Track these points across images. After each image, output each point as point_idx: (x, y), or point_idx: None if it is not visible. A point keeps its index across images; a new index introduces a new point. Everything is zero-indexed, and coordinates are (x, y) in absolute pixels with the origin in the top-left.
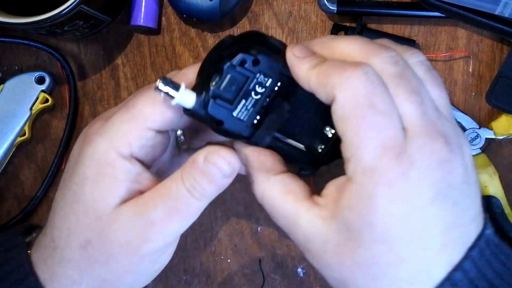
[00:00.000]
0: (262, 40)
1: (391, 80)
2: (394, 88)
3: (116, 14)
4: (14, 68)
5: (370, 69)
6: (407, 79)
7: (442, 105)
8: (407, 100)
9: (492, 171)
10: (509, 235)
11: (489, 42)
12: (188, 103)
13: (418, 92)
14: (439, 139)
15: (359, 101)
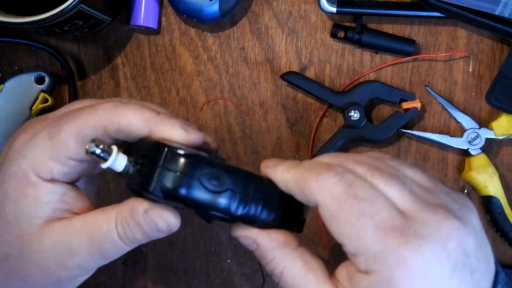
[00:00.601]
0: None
1: (366, 173)
2: (371, 179)
3: (116, 14)
4: (14, 68)
5: (342, 169)
6: (381, 168)
7: (423, 182)
8: (389, 185)
9: (492, 171)
10: (509, 235)
11: (489, 42)
12: (120, 167)
13: (396, 176)
14: (439, 210)
15: (340, 198)
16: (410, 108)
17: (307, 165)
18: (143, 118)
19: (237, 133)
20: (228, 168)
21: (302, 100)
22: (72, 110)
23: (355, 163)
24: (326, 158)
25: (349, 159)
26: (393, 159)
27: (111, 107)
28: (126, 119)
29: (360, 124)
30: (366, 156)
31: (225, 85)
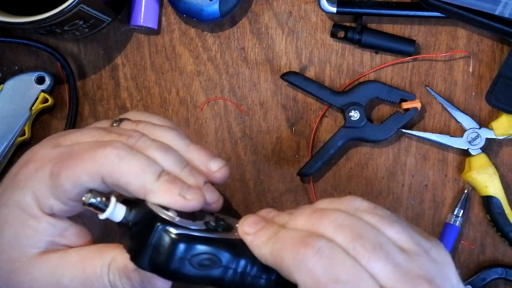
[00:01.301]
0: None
1: (348, 246)
2: (354, 253)
3: (116, 14)
4: (14, 68)
5: (321, 243)
6: (361, 236)
7: (403, 241)
8: (372, 260)
9: (492, 171)
10: (509, 235)
11: (489, 42)
12: (118, 218)
13: (379, 245)
14: (421, 284)
15: (321, 281)
16: (410, 108)
17: (284, 239)
18: (141, 183)
19: (237, 133)
20: (223, 243)
21: (302, 100)
22: (77, 150)
23: (335, 228)
24: (303, 219)
25: (327, 219)
26: (374, 212)
27: (115, 157)
28: (124, 178)
29: (360, 124)
30: (345, 205)
31: (225, 85)
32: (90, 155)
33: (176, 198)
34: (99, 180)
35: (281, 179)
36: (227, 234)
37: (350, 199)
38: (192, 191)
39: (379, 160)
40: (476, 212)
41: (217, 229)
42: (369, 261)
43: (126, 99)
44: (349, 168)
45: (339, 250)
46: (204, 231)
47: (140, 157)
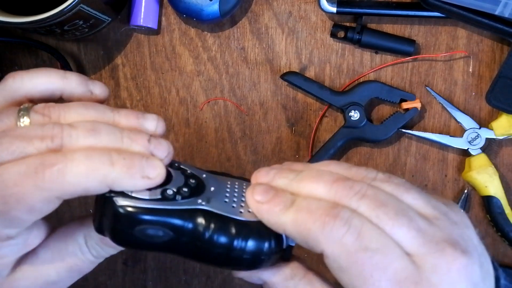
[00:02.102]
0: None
1: (371, 214)
2: (378, 221)
3: (116, 14)
4: (14, 68)
5: (348, 214)
6: (384, 204)
7: (422, 207)
8: (396, 226)
9: (492, 171)
10: (509, 235)
11: (489, 42)
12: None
13: (401, 211)
14: (446, 249)
15: (350, 250)
16: (410, 108)
17: (309, 208)
18: (99, 182)
19: (237, 133)
20: (170, 213)
21: (302, 100)
22: (12, 182)
23: (358, 199)
24: (322, 187)
25: (350, 191)
26: (390, 181)
27: (58, 173)
28: (81, 186)
29: (360, 124)
30: (364, 176)
31: (225, 85)
32: (33, 184)
33: (140, 182)
34: (56, 200)
35: None
36: (185, 201)
37: (366, 169)
38: (152, 165)
39: (379, 160)
40: (476, 212)
41: (174, 197)
42: (393, 228)
43: (126, 99)
44: None
45: (364, 220)
46: (154, 201)
47: (79, 156)
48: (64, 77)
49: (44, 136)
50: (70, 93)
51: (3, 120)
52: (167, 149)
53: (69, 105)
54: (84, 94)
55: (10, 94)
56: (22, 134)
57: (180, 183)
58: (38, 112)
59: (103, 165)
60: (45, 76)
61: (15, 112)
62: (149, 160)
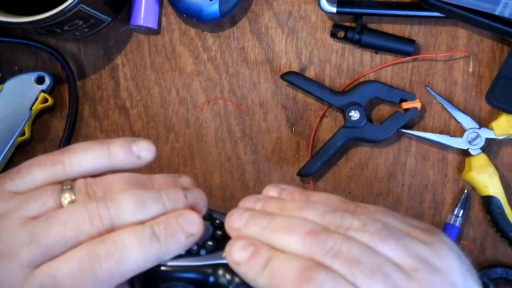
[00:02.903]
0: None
1: (346, 273)
2: (353, 280)
3: (116, 14)
4: (14, 68)
5: (322, 277)
6: (359, 262)
7: (399, 257)
8: (372, 285)
9: (492, 171)
10: (509, 235)
11: (489, 42)
12: None
13: (377, 268)
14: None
15: None
16: (410, 108)
17: (282, 270)
18: (154, 258)
19: (237, 133)
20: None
21: (302, 100)
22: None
23: (332, 256)
24: (295, 241)
25: (324, 248)
26: (365, 230)
27: (115, 263)
28: (135, 271)
29: (360, 124)
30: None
31: (225, 85)
32: (92, 280)
33: (186, 243)
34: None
35: (281, 179)
36: (209, 256)
37: (341, 215)
38: (190, 222)
39: (379, 160)
40: (476, 212)
41: (198, 252)
42: (369, 287)
43: (126, 99)
44: (349, 168)
45: (339, 280)
46: (178, 259)
47: (130, 242)
48: (110, 154)
49: (92, 218)
50: (119, 167)
51: (48, 202)
52: (204, 199)
53: (108, 179)
54: (132, 165)
55: (55, 177)
56: (67, 219)
57: (207, 235)
58: (82, 192)
59: (152, 242)
60: (92, 157)
61: (57, 192)
62: (185, 216)
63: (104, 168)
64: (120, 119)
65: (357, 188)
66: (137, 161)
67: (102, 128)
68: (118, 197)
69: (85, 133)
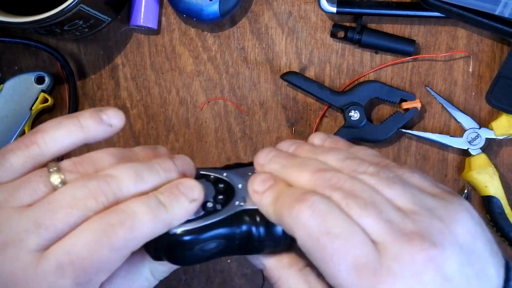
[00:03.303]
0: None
1: (340, 202)
2: (347, 209)
3: (116, 14)
4: (14, 68)
5: (315, 199)
6: (356, 195)
7: (402, 201)
8: (363, 215)
9: (492, 171)
10: (509, 235)
11: (489, 42)
12: None
13: (372, 202)
14: (414, 239)
15: (313, 234)
16: (410, 108)
17: (285, 196)
18: (163, 223)
19: (237, 133)
20: (222, 224)
21: (302, 100)
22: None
23: (333, 189)
24: (306, 176)
25: (328, 183)
26: (376, 174)
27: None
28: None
29: (360, 124)
30: (341, 177)
31: (225, 85)
32: (108, 248)
33: (191, 207)
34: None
35: None
36: (226, 208)
37: (359, 162)
38: (190, 187)
39: None
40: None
41: (215, 208)
42: (361, 217)
43: (126, 99)
44: None
45: (332, 205)
46: (201, 219)
47: (139, 208)
48: (82, 126)
49: (95, 195)
50: (93, 138)
51: (39, 188)
52: (190, 163)
53: (94, 156)
54: (105, 134)
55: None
56: (71, 200)
57: (212, 192)
58: (71, 172)
59: (160, 209)
60: (65, 132)
61: (45, 176)
62: (185, 184)
63: (80, 141)
64: None
65: None
66: (110, 129)
67: None
68: (115, 172)
69: None
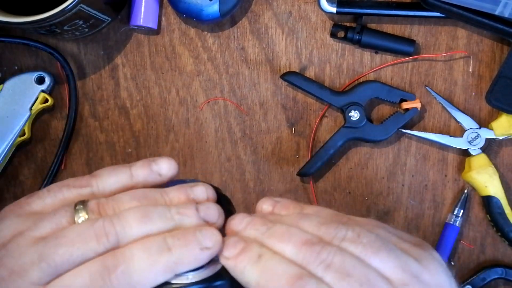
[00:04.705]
0: None
1: (335, 285)
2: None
3: (116, 14)
4: (14, 68)
5: (312, 284)
6: (349, 275)
7: (390, 270)
8: None
9: (492, 171)
10: (509, 235)
11: (489, 42)
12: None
13: (367, 282)
14: None
15: None
16: (410, 108)
17: (273, 269)
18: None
19: (237, 133)
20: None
21: (302, 100)
22: None
23: (324, 268)
24: (291, 247)
25: (318, 260)
26: (358, 241)
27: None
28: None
29: (360, 124)
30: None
31: (225, 85)
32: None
33: (201, 255)
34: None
35: (281, 179)
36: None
37: (335, 227)
38: (206, 235)
39: (379, 160)
40: (476, 212)
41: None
42: None
43: (126, 99)
44: (349, 168)
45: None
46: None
47: (137, 252)
48: (132, 176)
49: (98, 235)
50: (142, 184)
51: (61, 222)
52: (217, 212)
53: (121, 199)
54: (155, 182)
55: (83, 196)
56: (75, 237)
57: None
58: (93, 212)
59: (161, 253)
60: (116, 179)
61: (71, 212)
62: (203, 230)
63: (128, 186)
64: (120, 119)
65: (357, 188)
66: (159, 178)
67: (102, 128)
68: (124, 213)
69: (85, 133)
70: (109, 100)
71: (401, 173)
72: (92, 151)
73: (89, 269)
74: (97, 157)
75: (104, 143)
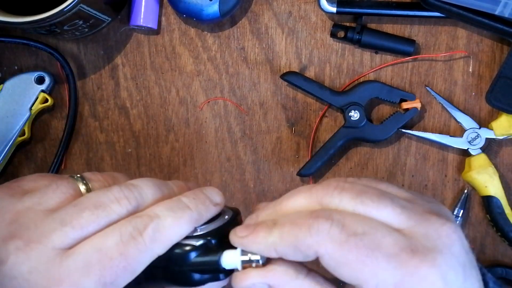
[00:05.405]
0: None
1: (356, 202)
2: (360, 206)
3: (116, 14)
4: (14, 68)
5: (328, 212)
6: (364, 191)
7: (398, 192)
8: (381, 208)
9: (492, 171)
10: (509, 235)
11: (489, 42)
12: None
13: (382, 194)
14: (431, 218)
15: (341, 241)
16: (410, 108)
17: (289, 220)
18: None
19: (237, 133)
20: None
21: (302, 100)
22: (121, 256)
23: (339, 192)
24: (301, 198)
25: (329, 189)
26: (360, 180)
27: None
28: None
29: (360, 124)
30: (338, 181)
31: (225, 85)
32: (136, 249)
33: (214, 209)
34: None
35: (281, 179)
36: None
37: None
38: (214, 192)
39: (379, 160)
40: (476, 212)
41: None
42: (379, 210)
43: (126, 99)
44: (349, 168)
45: (345, 212)
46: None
47: (161, 212)
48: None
49: (119, 198)
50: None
51: (68, 192)
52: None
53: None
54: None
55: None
56: (96, 202)
57: None
58: (95, 181)
59: (184, 210)
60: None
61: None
62: (208, 189)
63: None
64: (120, 119)
65: None
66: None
67: (102, 128)
68: (136, 182)
69: (85, 133)
70: (109, 100)
71: (401, 173)
72: (92, 151)
73: (118, 229)
74: (97, 157)
75: (104, 143)
